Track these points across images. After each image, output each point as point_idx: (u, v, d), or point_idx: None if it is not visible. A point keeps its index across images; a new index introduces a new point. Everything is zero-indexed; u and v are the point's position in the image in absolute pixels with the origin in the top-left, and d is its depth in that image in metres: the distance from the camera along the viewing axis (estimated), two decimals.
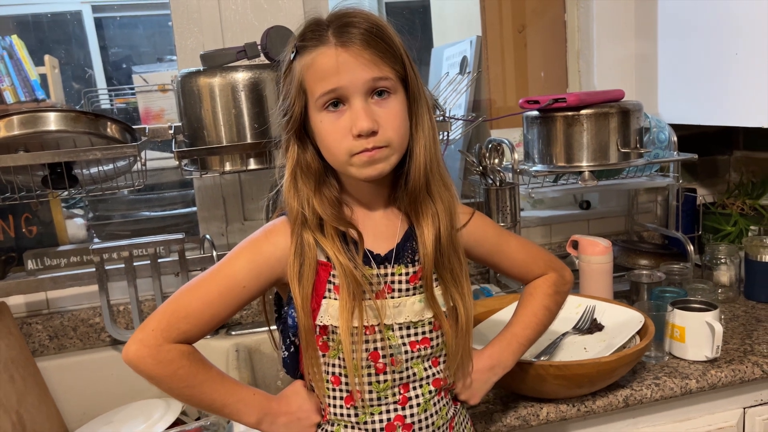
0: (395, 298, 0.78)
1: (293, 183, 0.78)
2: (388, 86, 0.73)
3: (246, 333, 1.37)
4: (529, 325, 0.92)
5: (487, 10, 1.73)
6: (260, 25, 1.38)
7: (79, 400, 1.32)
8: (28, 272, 1.42)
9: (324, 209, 0.76)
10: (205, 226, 1.48)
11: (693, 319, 1.12)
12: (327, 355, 0.78)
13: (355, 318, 0.75)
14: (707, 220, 1.62)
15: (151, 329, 0.74)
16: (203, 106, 1.14)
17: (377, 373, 0.78)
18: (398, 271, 0.79)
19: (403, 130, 0.75)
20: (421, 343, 0.80)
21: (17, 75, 2.34)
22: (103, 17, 2.75)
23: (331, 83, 0.71)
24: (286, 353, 0.83)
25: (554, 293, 0.93)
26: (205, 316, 0.75)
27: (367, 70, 0.72)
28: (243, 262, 0.77)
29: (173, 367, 0.74)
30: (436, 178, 0.80)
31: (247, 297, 0.77)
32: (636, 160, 1.34)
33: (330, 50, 0.72)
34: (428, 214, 0.79)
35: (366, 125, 0.71)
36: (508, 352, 0.90)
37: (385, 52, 0.72)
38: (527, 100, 1.34)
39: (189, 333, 0.75)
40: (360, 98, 0.72)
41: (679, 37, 1.51)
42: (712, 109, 1.46)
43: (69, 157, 1.06)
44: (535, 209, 1.74)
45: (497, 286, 1.49)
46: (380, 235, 0.80)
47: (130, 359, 0.74)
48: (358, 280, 0.75)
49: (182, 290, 0.77)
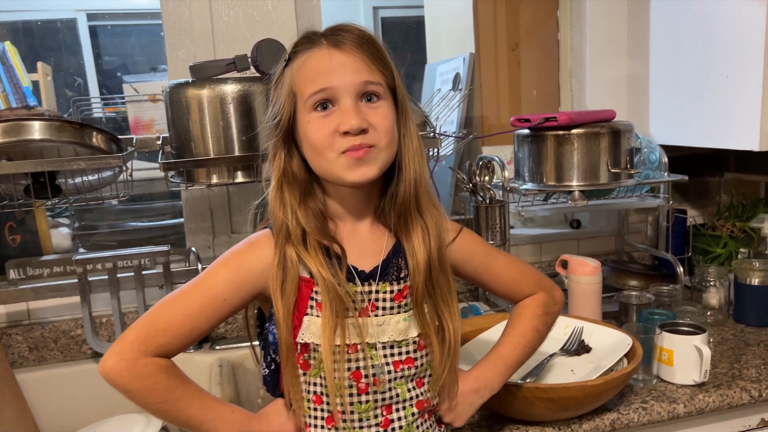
0: (379, 317, 0.77)
1: (279, 192, 0.77)
2: (379, 91, 0.74)
3: (230, 348, 1.35)
4: (517, 346, 0.90)
5: (481, 27, 1.73)
6: (252, 38, 1.37)
7: (58, 414, 1.29)
8: (10, 282, 1.40)
9: (308, 221, 0.75)
10: (191, 238, 1.46)
11: (681, 342, 1.11)
12: (308, 374, 0.77)
13: (338, 336, 0.74)
14: (697, 242, 1.62)
15: (129, 342, 0.72)
16: (191, 118, 1.13)
17: (359, 393, 0.76)
18: (383, 288, 0.78)
19: (392, 134, 0.75)
20: (404, 363, 0.78)
21: (9, 81, 2.33)
22: (98, 25, 2.74)
23: (322, 83, 0.72)
24: (267, 371, 0.81)
25: (543, 314, 0.91)
26: (184, 329, 0.74)
27: (359, 73, 0.72)
28: (224, 275, 0.76)
29: (150, 382, 0.72)
30: (424, 193, 0.79)
31: (228, 310, 0.76)
32: (626, 181, 1.33)
33: (323, 51, 0.73)
34: (418, 229, 0.78)
35: (355, 122, 0.71)
36: (495, 373, 0.89)
37: (376, 57, 0.74)
38: (518, 118, 1.34)
39: (168, 346, 0.74)
40: (350, 99, 0.72)
41: (670, 59, 1.51)
42: (702, 131, 1.46)
43: (52, 166, 1.04)
44: (526, 227, 1.73)
45: (486, 304, 1.48)
46: (365, 251, 0.79)
47: (107, 373, 0.72)
48: (341, 297, 0.74)
49: (162, 303, 0.75)
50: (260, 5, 1.39)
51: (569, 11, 1.70)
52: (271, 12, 1.39)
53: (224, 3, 1.38)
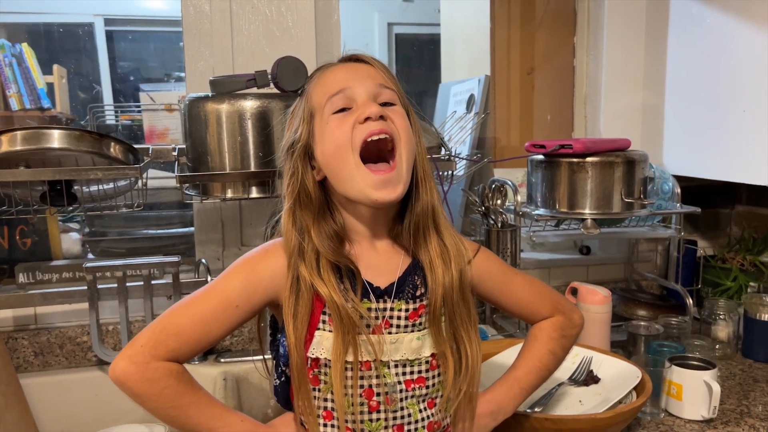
0: (392, 334, 0.77)
1: (292, 212, 0.77)
2: (393, 98, 0.77)
3: (235, 361, 1.35)
4: (533, 370, 0.89)
5: (497, 50, 1.74)
6: (272, 53, 1.38)
7: (59, 421, 1.28)
8: (19, 285, 1.40)
9: (321, 241, 0.75)
10: (201, 249, 1.46)
11: (691, 377, 1.11)
12: (320, 389, 0.76)
13: (350, 353, 0.74)
14: (707, 274, 1.61)
15: (140, 345, 0.72)
16: (209, 132, 1.13)
17: (371, 411, 0.76)
18: (398, 306, 0.77)
19: (410, 136, 0.77)
20: (416, 382, 0.78)
21: (24, 82, 2.34)
22: (114, 30, 2.77)
23: (339, 85, 0.75)
24: (278, 381, 0.81)
25: (560, 337, 0.90)
26: (195, 334, 0.74)
27: (375, 78, 0.77)
28: (237, 282, 0.76)
29: (160, 386, 0.71)
30: (440, 213, 0.80)
31: (240, 317, 0.76)
32: (639, 211, 1.33)
33: (338, 66, 0.78)
34: (436, 247, 0.79)
35: (375, 109, 0.73)
36: (509, 397, 0.88)
37: (389, 75, 0.79)
38: (533, 143, 1.34)
39: (178, 351, 0.73)
40: (367, 97, 0.75)
41: (687, 90, 1.52)
42: (716, 164, 1.46)
43: (71, 175, 1.05)
44: (535, 251, 1.73)
45: (493, 328, 1.47)
46: (380, 269, 0.79)
47: (117, 376, 0.71)
48: (352, 319, 0.73)
49: (174, 307, 0.75)
50: (281, 21, 1.40)
51: (586, 38, 1.71)
52: (291, 28, 1.40)
53: (245, 17, 1.39)
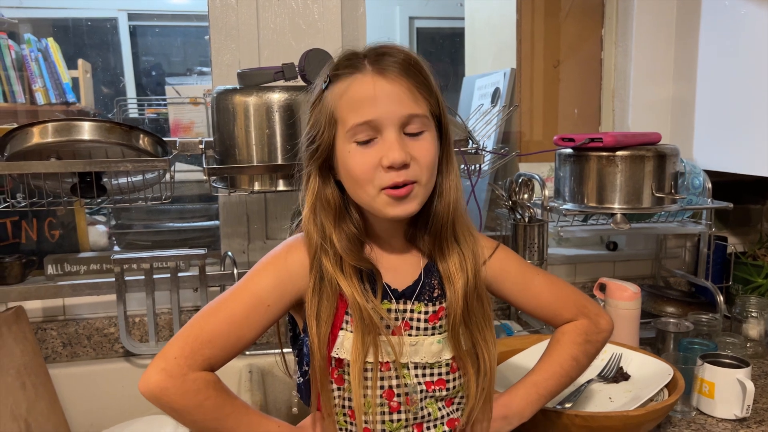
0: (412, 336, 0.76)
1: (313, 215, 0.76)
2: (423, 123, 0.71)
3: (260, 354, 1.35)
4: (553, 375, 0.86)
5: (523, 43, 1.72)
6: (297, 46, 1.38)
7: (87, 411, 1.30)
8: (47, 277, 1.41)
9: (342, 245, 0.74)
10: (227, 242, 1.46)
11: (724, 375, 1.08)
12: (343, 389, 0.76)
13: (370, 354, 0.73)
14: (737, 270, 1.58)
15: (174, 357, 0.69)
16: (237, 124, 1.13)
17: (391, 411, 0.76)
18: (417, 308, 0.77)
19: (434, 168, 0.73)
20: (436, 384, 0.77)
21: (50, 77, 2.37)
22: (138, 25, 2.78)
23: (367, 114, 0.69)
24: (301, 380, 0.80)
25: (584, 342, 0.87)
26: (230, 339, 0.71)
27: (404, 104, 0.70)
28: (268, 279, 0.74)
29: (200, 398, 0.69)
30: (461, 220, 0.77)
31: (271, 317, 0.74)
32: (670, 206, 1.31)
33: (367, 77, 0.70)
34: (454, 255, 0.77)
35: (399, 157, 0.69)
36: (526, 402, 0.85)
37: (421, 84, 0.71)
38: (562, 137, 1.32)
39: (214, 359, 0.71)
40: (394, 130, 0.70)
41: (719, 83, 1.49)
42: (748, 159, 1.42)
43: (101, 167, 1.05)
44: (561, 247, 1.71)
45: (518, 324, 1.46)
46: (398, 270, 0.78)
47: (152, 391, 0.68)
48: (373, 319, 0.73)
49: (203, 313, 0.73)
50: (307, 14, 1.39)
51: (614, 30, 1.68)
52: (317, 21, 1.39)
53: (271, 10, 1.39)
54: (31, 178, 1.12)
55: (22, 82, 2.29)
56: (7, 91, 2.27)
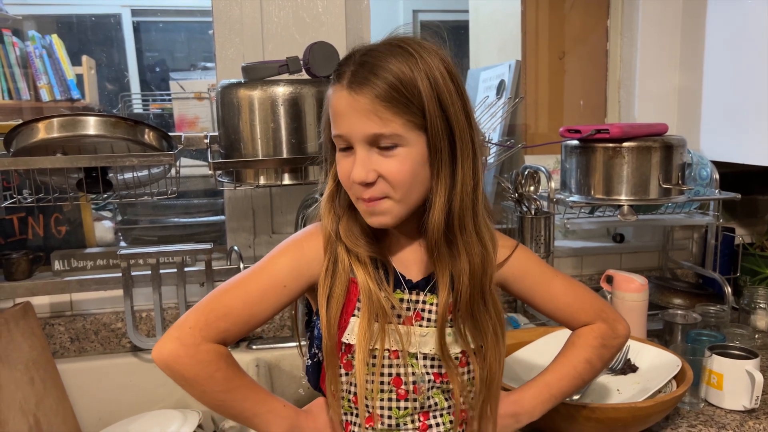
0: (423, 327, 0.76)
1: (331, 203, 0.77)
2: (392, 143, 0.69)
3: (267, 348, 1.35)
4: (565, 377, 0.86)
5: (528, 34, 1.71)
6: (302, 39, 1.38)
7: (95, 406, 1.30)
8: (55, 272, 1.42)
9: (355, 236, 0.75)
10: (232, 236, 1.46)
11: (732, 366, 1.08)
12: (351, 374, 0.76)
13: (378, 341, 0.74)
14: (745, 262, 1.58)
15: (189, 327, 0.70)
16: (242, 118, 1.13)
17: (398, 398, 0.76)
18: (430, 300, 0.77)
19: (410, 183, 0.70)
20: (444, 377, 0.77)
21: (54, 74, 2.38)
22: (141, 21, 2.78)
23: (340, 127, 0.70)
24: (310, 362, 0.81)
25: (599, 346, 0.86)
26: (245, 315, 0.73)
27: (370, 123, 0.67)
28: (286, 261, 0.75)
29: (211, 369, 0.70)
30: (468, 229, 0.73)
31: (286, 298, 0.75)
32: (677, 197, 1.30)
33: (343, 91, 0.69)
34: (463, 256, 0.74)
35: (358, 176, 0.69)
36: (537, 401, 0.85)
37: (399, 106, 0.67)
38: (568, 128, 1.31)
39: (228, 332, 0.72)
40: (362, 147, 0.69)
41: (726, 73, 1.47)
42: (755, 149, 1.41)
43: (107, 162, 1.05)
44: (567, 239, 1.70)
45: (524, 317, 1.45)
46: (411, 261, 0.78)
47: (164, 359, 0.70)
48: (385, 309, 0.73)
49: (222, 288, 0.74)
50: (311, 7, 1.39)
51: (620, 20, 1.67)
52: (321, 14, 1.38)
53: (275, 3, 1.38)
54: (37, 173, 1.13)
55: (27, 79, 2.30)
56: (12, 88, 2.27)
